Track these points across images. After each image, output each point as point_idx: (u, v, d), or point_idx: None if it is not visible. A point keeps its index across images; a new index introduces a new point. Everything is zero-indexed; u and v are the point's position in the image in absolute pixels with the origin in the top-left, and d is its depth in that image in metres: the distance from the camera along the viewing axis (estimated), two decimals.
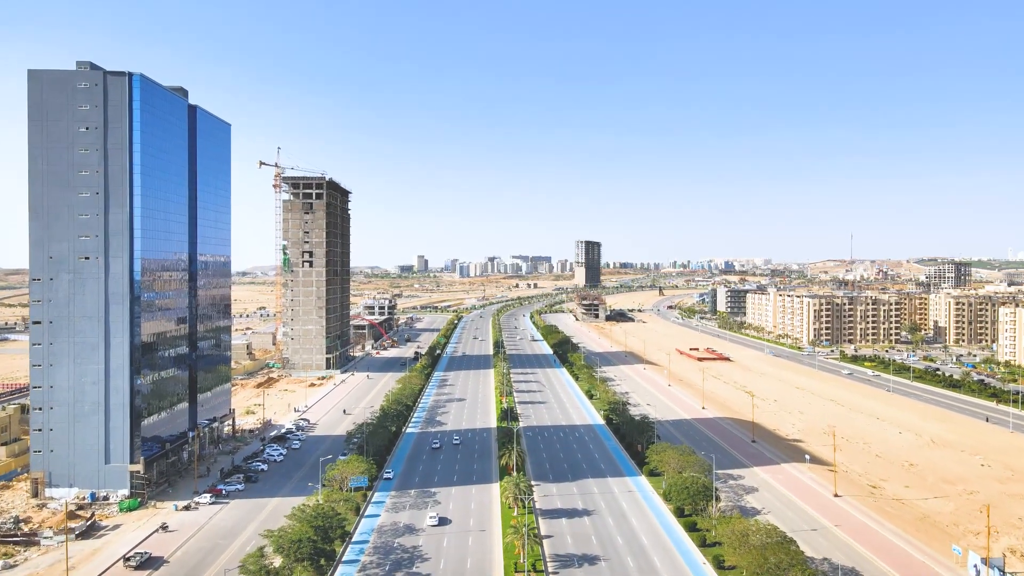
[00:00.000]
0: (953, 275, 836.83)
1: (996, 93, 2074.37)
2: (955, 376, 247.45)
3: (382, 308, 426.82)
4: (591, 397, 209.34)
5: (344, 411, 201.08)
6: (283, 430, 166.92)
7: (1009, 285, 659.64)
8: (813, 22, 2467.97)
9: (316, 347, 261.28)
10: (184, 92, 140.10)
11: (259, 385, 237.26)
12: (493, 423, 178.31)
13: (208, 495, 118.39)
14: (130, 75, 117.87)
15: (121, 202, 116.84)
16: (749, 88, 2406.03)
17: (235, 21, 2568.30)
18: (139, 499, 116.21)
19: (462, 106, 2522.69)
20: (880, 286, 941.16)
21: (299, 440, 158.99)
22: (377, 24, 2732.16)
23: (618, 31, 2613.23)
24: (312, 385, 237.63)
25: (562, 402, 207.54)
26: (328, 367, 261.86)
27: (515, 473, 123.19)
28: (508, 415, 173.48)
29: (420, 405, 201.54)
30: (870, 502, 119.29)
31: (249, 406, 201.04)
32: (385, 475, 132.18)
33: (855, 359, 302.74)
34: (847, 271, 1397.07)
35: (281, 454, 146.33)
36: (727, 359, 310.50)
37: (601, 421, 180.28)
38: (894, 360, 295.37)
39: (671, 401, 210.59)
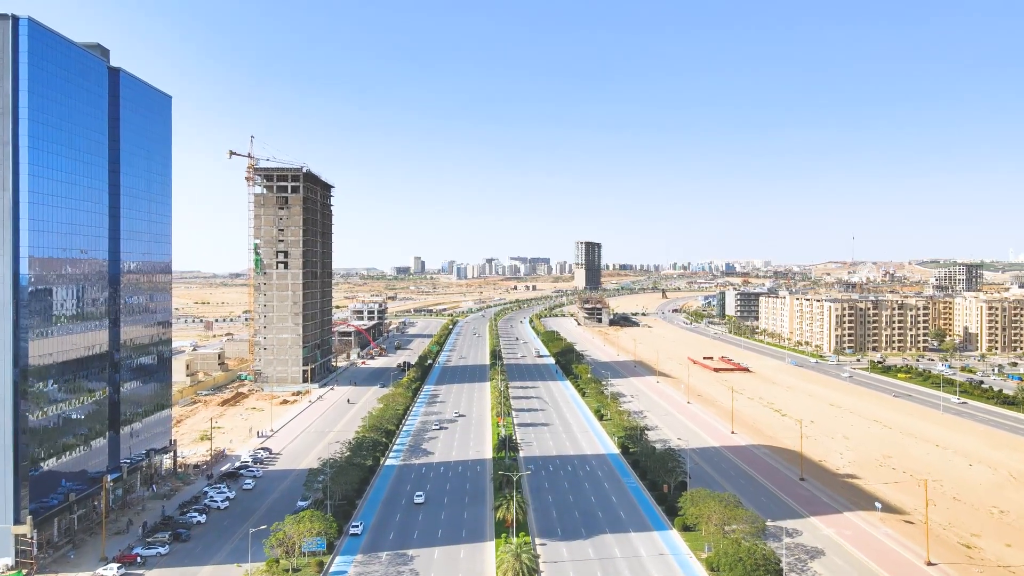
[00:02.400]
0: (964, 277, 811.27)
1: (996, 93, 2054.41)
2: (1006, 391, 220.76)
3: (371, 313, 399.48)
4: (601, 418, 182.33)
5: (348, 400, 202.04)
6: (236, 463, 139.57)
7: (1020, 287, 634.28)
8: (812, 20, 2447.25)
9: (292, 358, 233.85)
10: (104, 51, 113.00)
11: (225, 402, 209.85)
12: (488, 453, 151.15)
13: (116, 565, 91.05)
14: (15, 18, 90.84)
15: (2, 184, 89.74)
16: (748, 88, 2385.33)
17: (230, 19, 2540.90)
18: (25, 571, 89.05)
19: (459, 104, 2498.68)
20: (889, 288, 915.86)
21: (254, 477, 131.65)
22: (373, 21, 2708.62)
23: (617, 28, 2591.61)
24: (284, 402, 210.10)
25: (568, 424, 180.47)
26: (305, 380, 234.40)
27: (515, 535, 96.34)
28: (506, 444, 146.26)
29: (404, 429, 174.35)
30: (974, 573, 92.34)
31: (206, 429, 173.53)
32: (352, 529, 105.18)
33: (887, 370, 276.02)
34: (849, 273, 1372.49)
35: (227, 498, 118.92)
36: (746, 370, 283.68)
37: (615, 450, 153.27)
38: (930, 371, 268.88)
39: (693, 422, 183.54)
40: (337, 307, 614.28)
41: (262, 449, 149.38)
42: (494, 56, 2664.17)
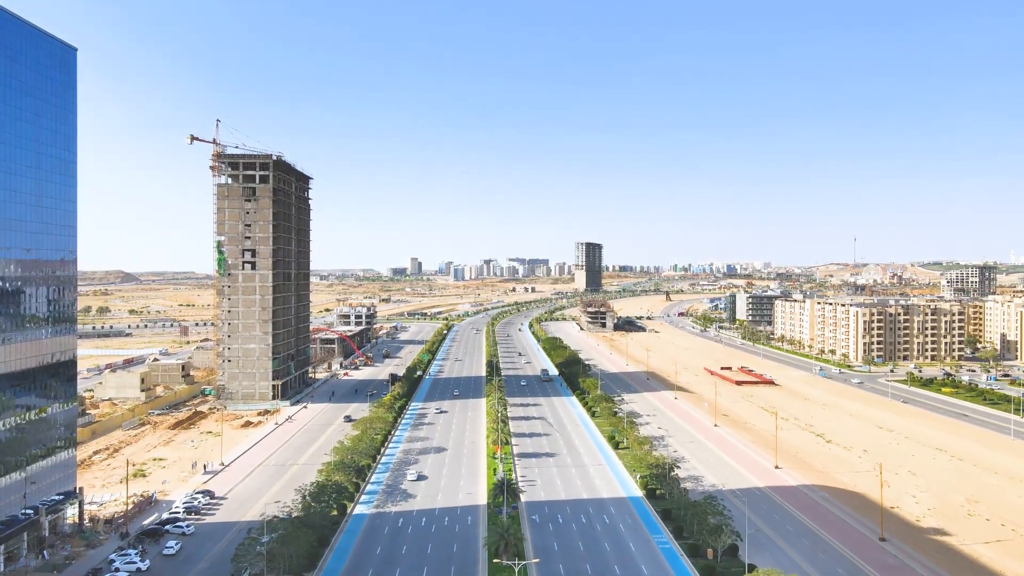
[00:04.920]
0: (977, 279, 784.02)
1: (994, 94, 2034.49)
2: None
3: (359, 317, 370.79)
4: (616, 446, 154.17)
5: (348, 417, 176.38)
6: (166, 514, 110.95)
7: None
8: (812, 21, 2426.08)
9: (260, 371, 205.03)
10: None
11: (178, 424, 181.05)
12: (482, 496, 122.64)
13: None
14: None
15: None
16: (746, 89, 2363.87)
17: (226, 20, 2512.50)
18: None
19: (458, 104, 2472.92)
20: (899, 291, 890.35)
21: (182, 535, 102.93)
22: (372, 21, 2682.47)
23: (617, 30, 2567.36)
24: (247, 424, 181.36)
25: (577, 454, 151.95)
26: (275, 396, 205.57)
27: None
28: (503, 487, 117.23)
29: (383, 460, 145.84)
30: None
31: (145, 462, 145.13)
32: None
33: (927, 383, 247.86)
34: (852, 275, 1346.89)
35: (138, 570, 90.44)
36: (771, 382, 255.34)
37: (638, 492, 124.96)
38: (976, 385, 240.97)
39: (725, 452, 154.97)
40: (327, 310, 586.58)
41: (201, 493, 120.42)
42: (493, 56, 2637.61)
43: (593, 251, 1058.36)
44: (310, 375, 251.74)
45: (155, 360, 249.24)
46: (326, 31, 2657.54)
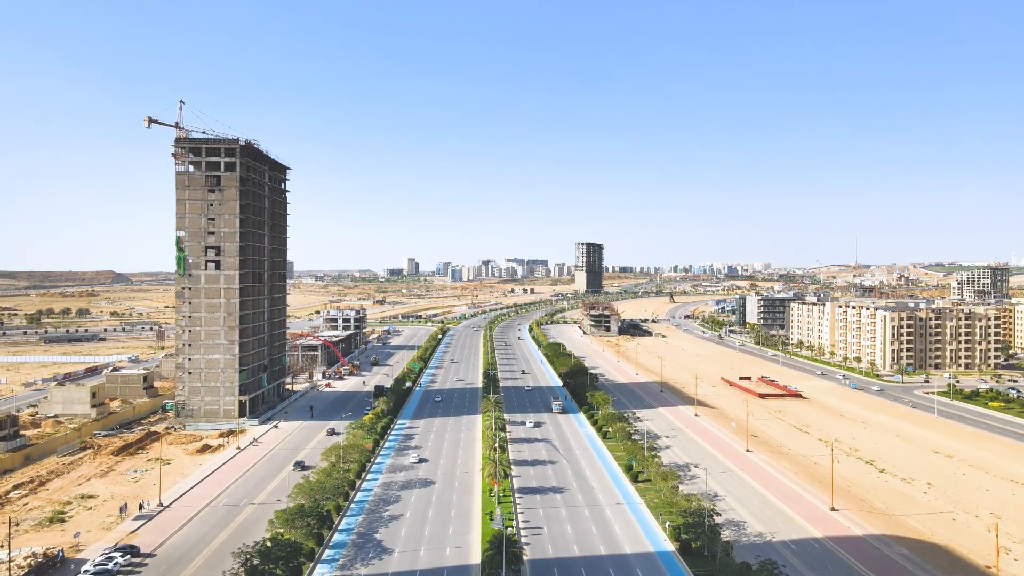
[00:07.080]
0: (989, 281, 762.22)
1: (994, 94, 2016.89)
2: None
3: (347, 321, 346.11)
4: (635, 479, 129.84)
5: (300, 463, 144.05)
6: None
7: None
8: (811, 25, 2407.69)
9: (225, 385, 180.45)
10: None
11: (125, 447, 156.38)
12: (475, 552, 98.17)
13: None
14: None
15: None
16: (747, 92, 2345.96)
17: (222, 21, 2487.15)
18: None
19: (457, 105, 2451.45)
20: (908, 293, 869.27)
21: None
22: (373, 23, 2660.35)
23: (617, 31, 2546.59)
24: (205, 448, 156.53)
25: (590, 489, 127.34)
26: (243, 414, 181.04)
27: None
28: (501, 544, 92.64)
29: (358, 498, 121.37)
30: None
31: (70, 500, 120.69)
32: None
33: (971, 396, 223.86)
34: (856, 276, 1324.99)
35: None
36: (798, 395, 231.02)
37: (667, 543, 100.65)
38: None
39: (766, 486, 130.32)
40: (317, 312, 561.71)
41: (122, 549, 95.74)
42: (493, 56, 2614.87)
43: (594, 251, 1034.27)
44: (288, 387, 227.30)
45: (113, 370, 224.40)
46: (325, 32, 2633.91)
